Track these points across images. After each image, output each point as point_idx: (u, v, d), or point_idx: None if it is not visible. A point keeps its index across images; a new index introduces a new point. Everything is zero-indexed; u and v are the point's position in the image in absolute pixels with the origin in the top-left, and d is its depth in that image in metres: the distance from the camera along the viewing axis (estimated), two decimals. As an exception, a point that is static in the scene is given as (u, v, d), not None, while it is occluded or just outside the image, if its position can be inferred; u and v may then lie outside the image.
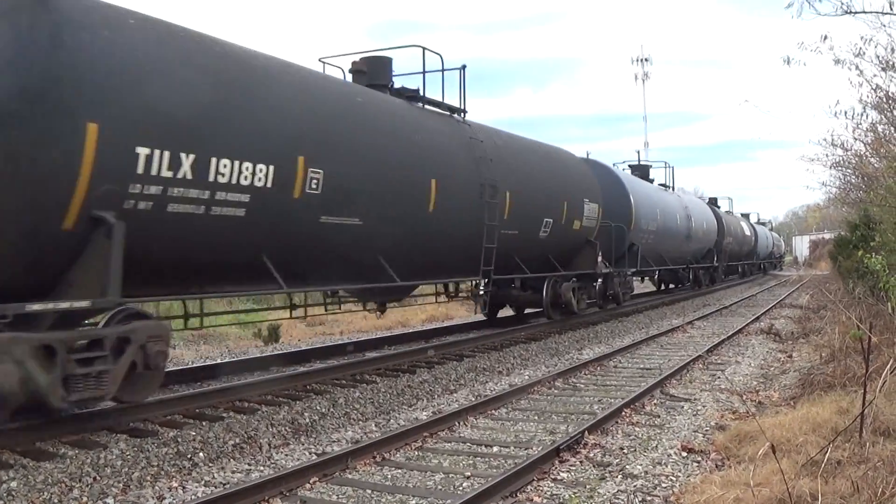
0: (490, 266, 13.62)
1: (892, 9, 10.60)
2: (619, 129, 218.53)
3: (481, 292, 14.79)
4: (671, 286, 34.07)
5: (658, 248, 24.94)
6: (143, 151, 7.05)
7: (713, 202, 40.95)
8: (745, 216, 54.53)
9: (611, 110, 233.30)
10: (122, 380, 7.41)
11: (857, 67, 12.74)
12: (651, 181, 28.26)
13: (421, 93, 13.18)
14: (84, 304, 6.86)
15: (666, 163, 31.47)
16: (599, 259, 18.37)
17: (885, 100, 13.92)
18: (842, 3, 10.49)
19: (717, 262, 35.06)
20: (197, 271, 8.54)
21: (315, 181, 9.17)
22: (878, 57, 12.50)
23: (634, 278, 25.76)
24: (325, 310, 13.47)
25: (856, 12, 10.60)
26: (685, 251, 29.35)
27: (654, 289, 35.37)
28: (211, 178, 7.76)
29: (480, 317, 18.86)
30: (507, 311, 18.76)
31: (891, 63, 12.60)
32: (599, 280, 19.22)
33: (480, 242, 13.33)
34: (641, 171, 27.93)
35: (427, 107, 13.43)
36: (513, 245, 14.63)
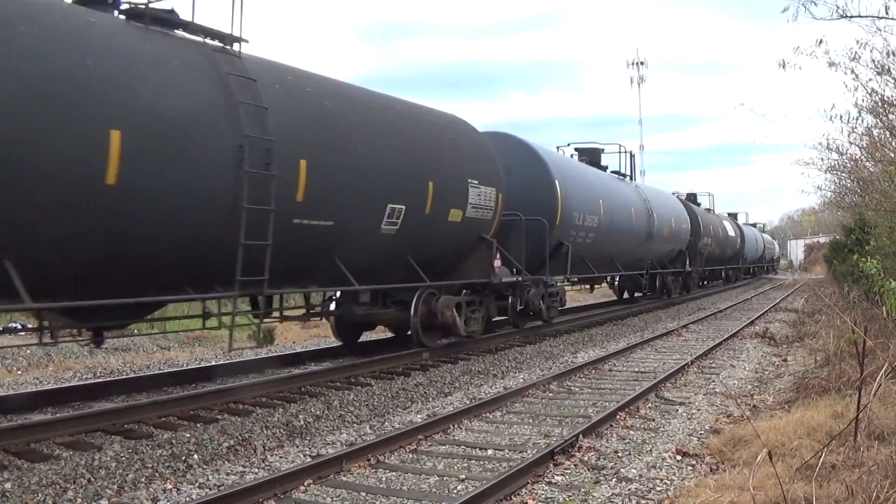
0: (261, 276, 8.88)
1: (887, 13, 10.63)
2: (614, 132, 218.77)
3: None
4: (636, 295, 28.36)
5: (605, 250, 20.21)
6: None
7: (691, 198, 37.51)
8: (733, 216, 51.67)
9: (606, 114, 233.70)
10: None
11: (852, 71, 12.77)
12: (604, 168, 22.89)
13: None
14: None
15: (621, 146, 25.00)
16: (497, 263, 13.98)
17: (880, 104, 13.96)
18: (837, 8, 10.51)
19: (690, 266, 30.27)
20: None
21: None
22: (873, 61, 12.54)
23: (571, 286, 22.23)
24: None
25: (851, 16, 10.62)
26: (646, 253, 24.66)
27: (613, 298, 29.85)
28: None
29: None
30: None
31: (886, 67, 12.64)
32: (509, 292, 15.16)
33: (235, 237, 8.56)
34: (591, 155, 22.19)
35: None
36: (326, 242, 10.24)
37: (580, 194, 18.22)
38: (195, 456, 7.21)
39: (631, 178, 25.20)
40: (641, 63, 64.90)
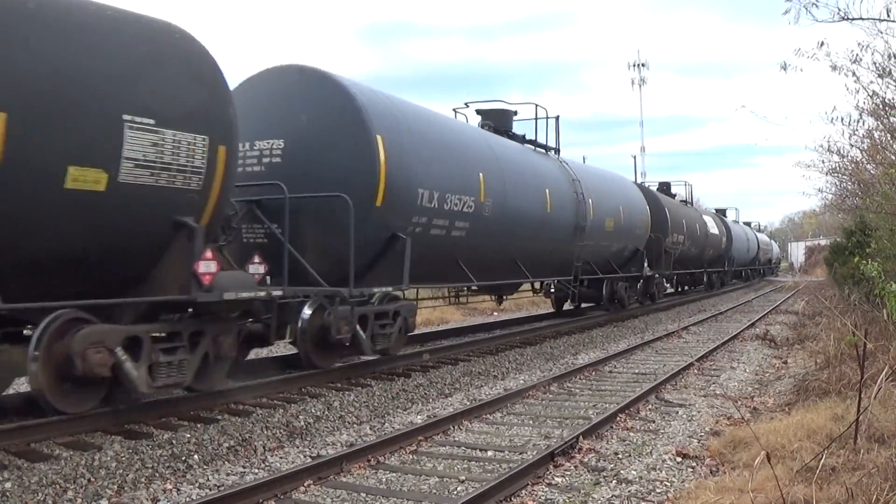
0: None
1: (889, 15, 10.62)
2: (615, 133, 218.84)
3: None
4: (582, 306, 23.61)
5: (492, 246, 14.35)
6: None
7: (664, 188, 32.94)
8: (721, 212, 47.11)
9: (607, 115, 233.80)
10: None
11: (853, 74, 12.75)
12: (521, 138, 17.50)
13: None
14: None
15: (538, 106, 18.30)
16: (210, 268, 11.54)
17: (881, 106, 13.95)
18: (839, 10, 10.49)
19: (652, 268, 24.09)
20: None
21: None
22: (874, 63, 12.52)
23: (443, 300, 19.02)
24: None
25: (853, 19, 10.61)
26: (576, 253, 18.29)
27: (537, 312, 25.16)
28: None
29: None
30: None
31: (887, 70, 12.62)
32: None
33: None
34: (497, 119, 16.85)
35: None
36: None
37: (434, 164, 12.21)
38: (195, 456, 7.21)
39: (556, 152, 18.79)
40: (643, 65, 64.72)
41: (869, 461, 5.79)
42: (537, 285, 20.83)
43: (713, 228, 36.53)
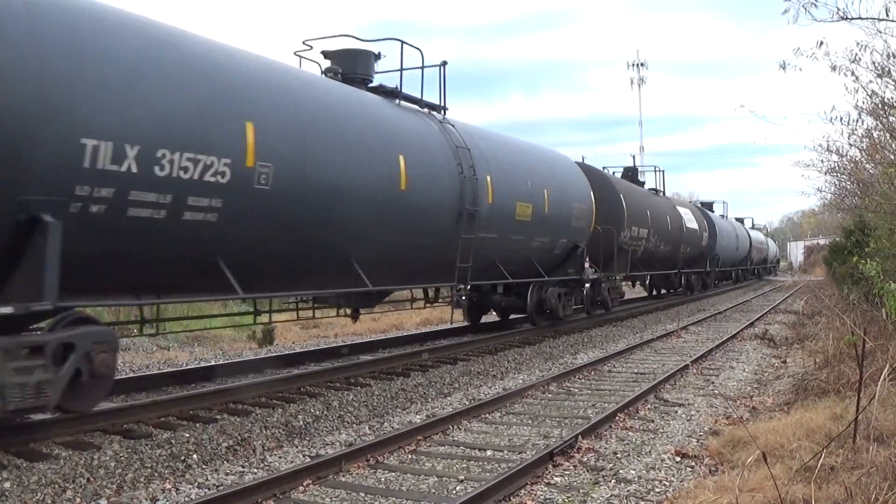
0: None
1: (888, 15, 10.62)
2: (614, 133, 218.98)
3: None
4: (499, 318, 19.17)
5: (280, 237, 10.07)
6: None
7: (630, 174, 26.94)
8: (707, 206, 42.51)
9: (606, 115, 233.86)
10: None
11: (852, 73, 12.75)
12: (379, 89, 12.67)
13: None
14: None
15: (380, 55, 12.42)
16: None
17: (880, 106, 13.95)
18: (838, 10, 10.49)
19: (599, 270, 19.36)
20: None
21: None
22: (873, 63, 12.53)
23: None
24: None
25: (852, 18, 10.60)
26: (453, 250, 13.09)
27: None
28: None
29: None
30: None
31: (886, 69, 12.63)
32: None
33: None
34: (342, 63, 12.37)
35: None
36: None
37: (132, 96, 7.66)
38: (194, 456, 7.21)
39: (441, 111, 13.90)
40: (642, 64, 64.79)
41: (868, 460, 5.79)
42: (431, 293, 15.69)
43: (691, 222, 31.43)
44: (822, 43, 11.84)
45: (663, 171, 30.70)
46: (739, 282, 49.47)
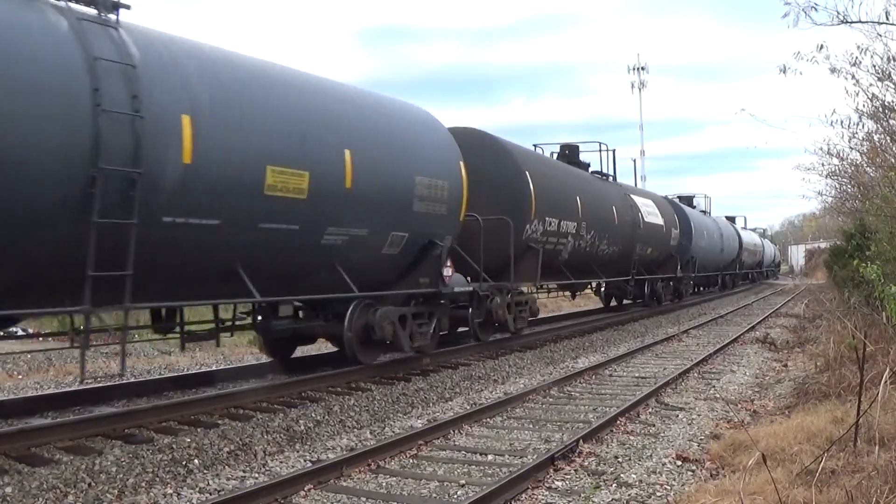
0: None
1: (888, 18, 10.64)
2: (614, 137, 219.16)
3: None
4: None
5: None
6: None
7: (568, 152, 20.97)
8: (685, 199, 36.76)
9: (606, 118, 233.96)
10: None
11: (853, 77, 12.81)
12: None
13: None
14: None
15: None
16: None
17: (881, 109, 13.98)
18: (838, 13, 10.53)
19: (468, 280, 13.75)
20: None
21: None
22: (874, 66, 12.58)
23: None
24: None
25: (852, 22, 10.64)
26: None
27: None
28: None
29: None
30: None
31: (887, 72, 12.67)
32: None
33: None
34: None
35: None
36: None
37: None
38: (196, 461, 7.21)
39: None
40: (642, 68, 64.73)
41: (869, 464, 5.80)
42: None
43: (653, 216, 24.91)
44: (822, 46, 11.88)
45: (614, 151, 23.66)
46: (727, 289, 42.65)
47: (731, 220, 49.90)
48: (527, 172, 15.61)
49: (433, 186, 11.81)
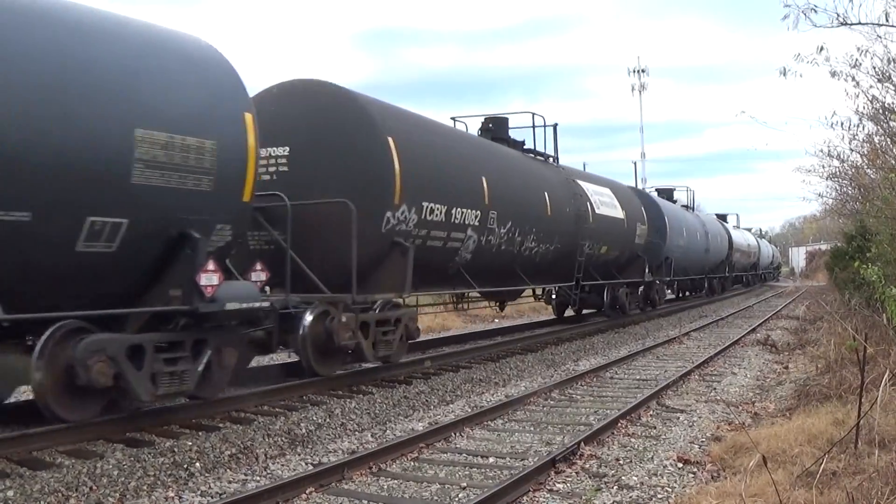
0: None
1: (888, 20, 10.66)
2: (614, 139, 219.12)
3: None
4: None
5: None
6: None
7: (492, 126, 17.25)
8: (664, 192, 33.09)
9: (606, 121, 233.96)
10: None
11: (853, 79, 12.83)
12: None
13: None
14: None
15: None
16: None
17: (881, 111, 14.00)
18: (838, 15, 10.55)
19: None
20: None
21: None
22: (874, 68, 12.60)
23: None
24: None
25: (852, 24, 10.66)
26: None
27: None
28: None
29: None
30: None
31: (887, 74, 12.69)
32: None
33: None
34: None
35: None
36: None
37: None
38: (197, 464, 7.22)
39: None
40: (643, 71, 64.70)
41: (870, 465, 5.80)
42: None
43: (608, 208, 20.65)
44: (822, 48, 11.91)
45: (555, 127, 18.82)
46: (716, 294, 38.46)
47: (723, 218, 46.42)
48: (390, 139, 11.23)
49: (178, 147, 7.75)
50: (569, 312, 22.83)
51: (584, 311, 22.93)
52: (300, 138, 11.16)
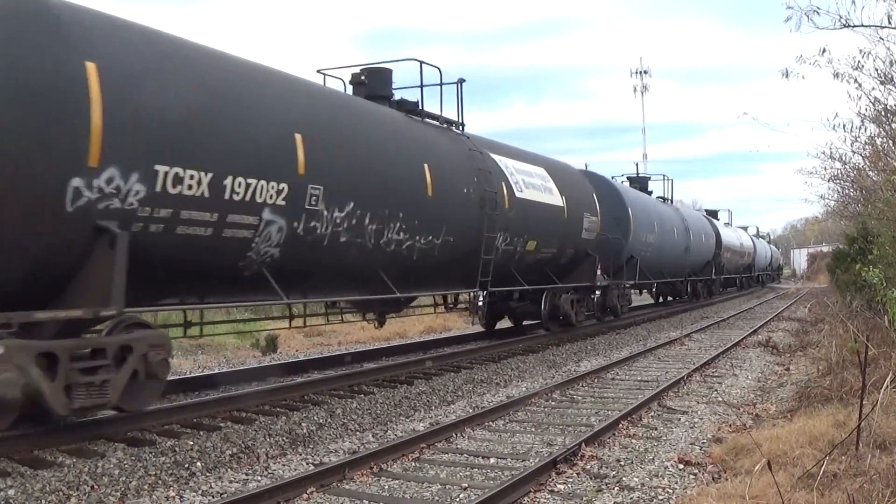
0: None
1: (890, 22, 10.66)
2: (616, 140, 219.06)
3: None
4: None
5: None
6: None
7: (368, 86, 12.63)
8: (635, 183, 27.97)
9: (608, 122, 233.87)
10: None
11: (855, 81, 12.82)
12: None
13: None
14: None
15: None
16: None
17: (883, 113, 13.99)
18: (840, 17, 10.55)
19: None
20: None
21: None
22: (876, 70, 12.59)
23: None
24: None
25: (854, 26, 10.66)
26: None
27: None
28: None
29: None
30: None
31: (889, 76, 12.67)
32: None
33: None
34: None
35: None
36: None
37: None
38: (198, 464, 7.23)
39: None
40: (645, 72, 64.68)
41: (870, 467, 5.80)
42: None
43: (538, 192, 15.97)
44: (824, 50, 11.91)
45: (460, 83, 14.08)
46: (701, 299, 33.54)
47: (713, 214, 41.30)
48: (89, 65, 7.01)
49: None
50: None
51: (526, 323, 18.88)
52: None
